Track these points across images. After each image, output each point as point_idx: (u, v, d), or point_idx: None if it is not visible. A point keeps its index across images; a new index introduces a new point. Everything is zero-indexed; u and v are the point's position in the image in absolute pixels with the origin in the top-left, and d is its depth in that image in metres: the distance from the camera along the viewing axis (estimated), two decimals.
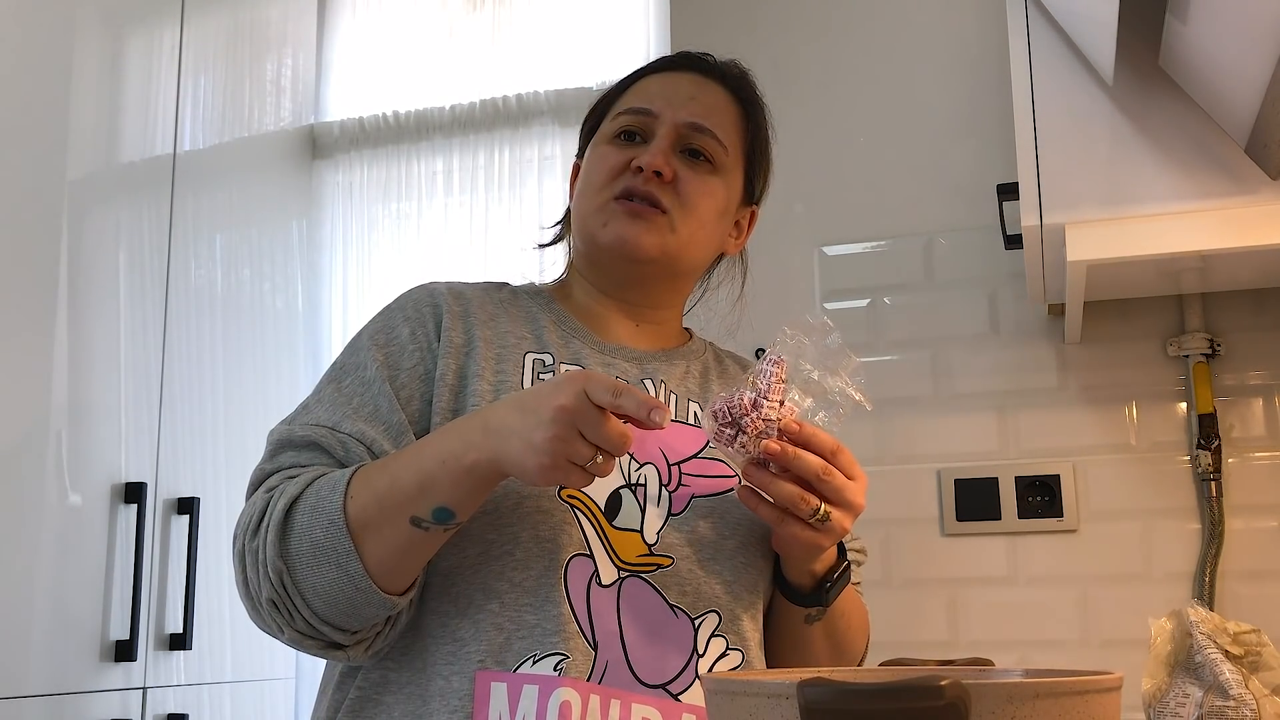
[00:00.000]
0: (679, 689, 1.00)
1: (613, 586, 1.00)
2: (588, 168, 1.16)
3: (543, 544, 1.00)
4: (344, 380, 1.07)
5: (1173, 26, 1.37)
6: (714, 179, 1.15)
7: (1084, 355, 1.91)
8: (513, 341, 1.10)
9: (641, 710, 0.98)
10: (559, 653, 0.97)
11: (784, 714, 0.57)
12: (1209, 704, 1.15)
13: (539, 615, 0.98)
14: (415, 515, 0.93)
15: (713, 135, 1.15)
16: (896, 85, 2.09)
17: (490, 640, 0.98)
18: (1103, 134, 1.55)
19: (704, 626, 1.03)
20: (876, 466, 1.97)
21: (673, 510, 1.05)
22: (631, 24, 2.36)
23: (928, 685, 0.55)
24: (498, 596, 0.99)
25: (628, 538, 1.02)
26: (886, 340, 2.01)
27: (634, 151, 1.12)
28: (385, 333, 1.09)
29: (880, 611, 1.94)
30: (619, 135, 1.14)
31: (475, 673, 0.97)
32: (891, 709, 0.55)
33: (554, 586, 0.99)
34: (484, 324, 1.10)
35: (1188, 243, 1.51)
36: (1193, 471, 1.82)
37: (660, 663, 1.00)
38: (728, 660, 1.04)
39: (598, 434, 0.89)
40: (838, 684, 0.56)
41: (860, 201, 2.07)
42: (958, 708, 0.54)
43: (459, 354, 1.07)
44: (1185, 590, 1.78)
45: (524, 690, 0.97)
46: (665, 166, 1.10)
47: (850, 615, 1.14)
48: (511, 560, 1.00)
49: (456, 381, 1.05)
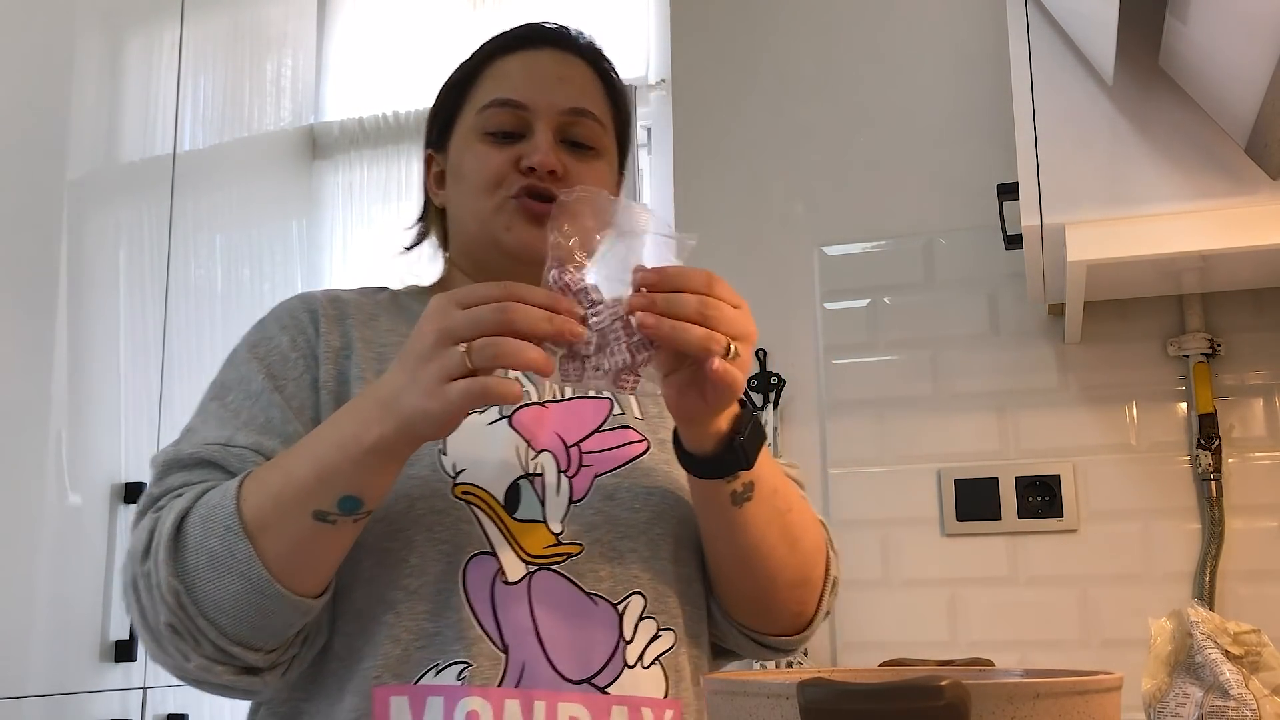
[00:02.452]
0: (606, 681, 0.95)
1: (521, 583, 0.95)
2: (466, 168, 1.09)
3: (439, 546, 0.95)
4: (228, 397, 1.01)
5: (1173, 26, 1.37)
6: (600, 164, 1.11)
7: (1084, 355, 1.91)
8: (394, 340, 1.05)
9: (568, 709, 0.93)
10: (461, 660, 0.92)
11: (784, 714, 0.57)
12: (1209, 704, 1.15)
13: (438, 622, 0.94)
14: (318, 509, 0.86)
15: (591, 116, 1.10)
16: (896, 85, 2.09)
17: (387, 654, 0.93)
18: (1103, 134, 1.55)
19: (629, 611, 0.98)
20: (876, 467, 1.97)
21: (575, 496, 1.00)
22: (631, 24, 2.36)
23: (928, 685, 0.55)
24: (393, 607, 0.94)
25: (532, 530, 0.97)
26: (886, 340, 2.01)
27: (514, 149, 1.06)
28: (264, 344, 1.03)
29: (880, 611, 1.95)
30: (493, 130, 1.08)
31: (373, 689, 0.92)
32: (891, 709, 0.55)
33: (452, 591, 0.94)
34: (362, 325, 1.06)
35: (1188, 243, 1.51)
36: (1193, 471, 1.82)
37: (584, 656, 0.95)
38: (661, 642, 0.99)
39: (471, 322, 0.81)
40: (838, 684, 0.56)
41: (860, 201, 2.07)
42: (958, 708, 0.54)
43: (337, 358, 1.02)
44: (1185, 590, 1.78)
45: (428, 703, 0.92)
46: (557, 164, 1.05)
47: (789, 496, 1.02)
48: (406, 567, 0.95)
49: (338, 387, 1.01)
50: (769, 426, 2.01)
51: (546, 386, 1.06)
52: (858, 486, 1.97)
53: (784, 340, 2.06)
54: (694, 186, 2.17)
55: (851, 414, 2.00)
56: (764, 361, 2.05)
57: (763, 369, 2.05)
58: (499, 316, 0.81)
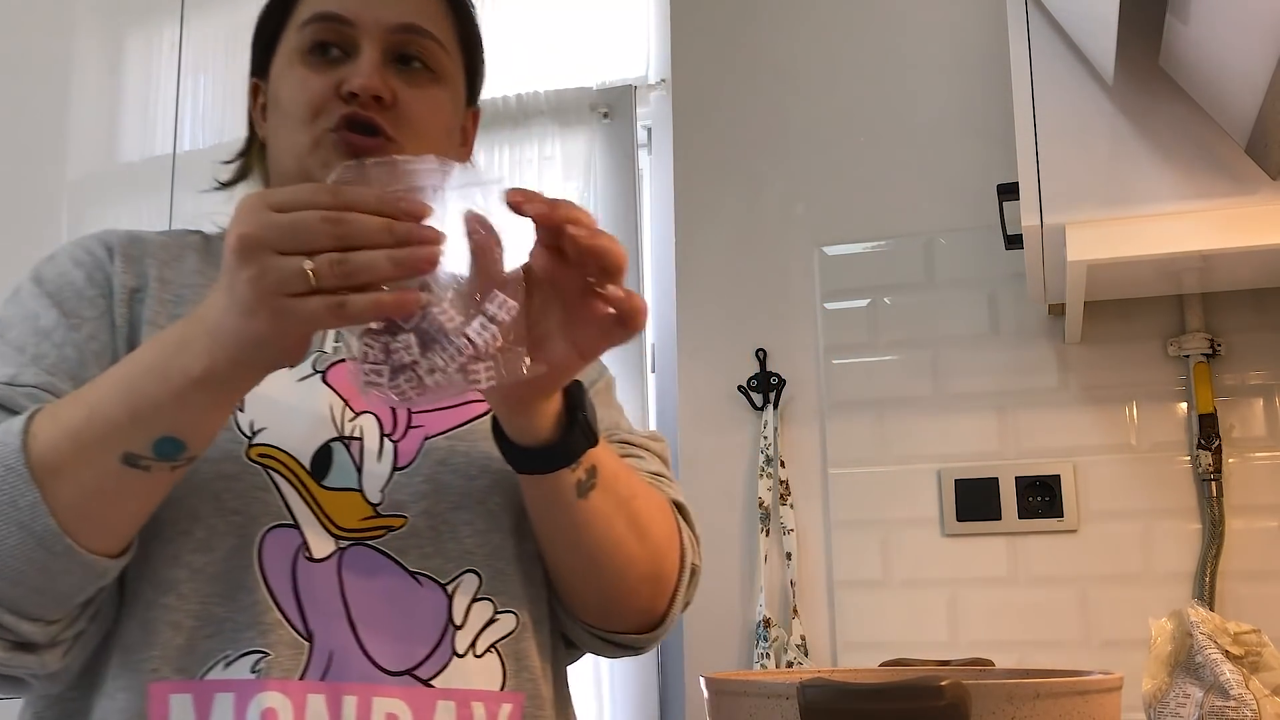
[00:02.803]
0: (431, 673, 0.83)
1: (330, 560, 0.83)
2: (282, 95, 0.95)
3: (229, 517, 0.82)
4: (9, 333, 0.87)
5: (1173, 26, 1.37)
6: (437, 89, 0.97)
7: (1084, 355, 1.91)
8: (197, 283, 0.92)
9: (384, 705, 0.81)
10: (257, 650, 0.80)
11: (784, 714, 0.57)
12: (1209, 704, 1.15)
13: (228, 606, 0.81)
14: (129, 451, 0.72)
15: (429, 35, 0.96)
16: (896, 85, 2.09)
17: (167, 643, 0.80)
18: (1103, 134, 1.55)
19: (460, 592, 0.86)
20: (876, 467, 1.97)
21: (399, 463, 0.87)
22: (631, 24, 2.36)
23: (928, 685, 0.55)
24: (174, 588, 0.81)
25: (345, 499, 0.85)
26: (886, 340, 2.01)
27: (337, 72, 0.92)
28: (56, 280, 0.90)
29: (880, 611, 1.95)
30: (311, 50, 0.94)
31: (148, 685, 0.79)
32: (891, 709, 0.55)
33: (245, 569, 0.81)
34: (163, 265, 0.93)
35: (1188, 243, 1.51)
36: (1193, 471, 1.82)
37: (405, 644, 0.83)
38: (499, 626, 0.87)
39: (293, 226, 0.66)
40: (838, 684, 0.56)
41: (860, 201, 2.07)
42: (958, 708, 0.54)
43: (131, 299, 0.90)
44: (1185, 590, 1.78)
45: (215, 701, 0.78)
46: (383, 89, 0.91)
47: (631, 480, 0.90)
48: (190, 541, 0.81)
49: (128, 330, 0.88)
50: (769, 427, 2.01)
51: None
52: (858, 486, 1.97)
53: (784, 340, 2.06)
54: (694, 186, 2.17)
55: (851, 414, 2.00)
56: (764, 361, 2.05)
57: (763, 369, 2.05)
58: (333, 229, 0.66)
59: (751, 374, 2.05)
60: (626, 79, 2.31)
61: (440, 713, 0.83)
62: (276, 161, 0.98)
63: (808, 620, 1.95)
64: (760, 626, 1.93)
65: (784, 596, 1.96)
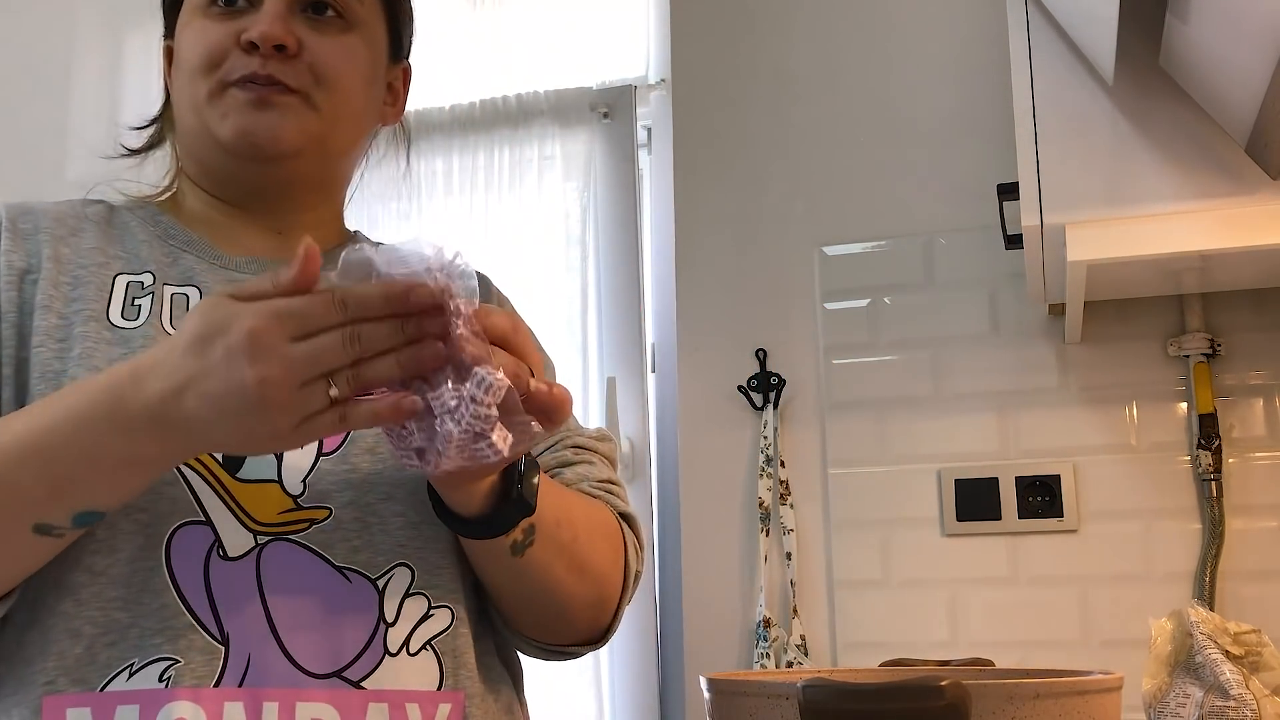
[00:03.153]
0: (361, 674, 0.78)
1: (247, 557, 0.78)
2: (183, 45, 0.90)
3: (133, 516, 0.76)
4: None
5: (1173, 26, 1.37)
6: (350, 37, 0.91)
7: (1084, 355, 1.91)
8: (98, 260, 0.86)
9: (309, 710, 0.76)
10: (165, 657, 0.74)
11: (784, 714, 0.57)
12: (1209, 704, 1.15)
13: (133, 611, 0.75)
14: (43, 522, 0.69)
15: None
16: (896, 85, 2.09)
17: (65, 652, 0.74)
18: (1103, 134, 1.55)
19: (391, 587, 0.81)
20: (876, 467, 1.97)
21: (324, 448, 0.82)
22: (631, 24, 2.36)
23: (928, 685, 0.55)
24: (73, 593, 0.75)
25: (262, 491, 0.79)
26: (886, 340, 2.01)
27: (240, 21, 0.87)
28: None
29: (880, 611, 1.95)
30: (213, 1, 0.89)
31: (43, 699, 0.73)
32: (891, 709, 0.55)
33: (153, 570, 0.76)
34: (58, 241, 0.86)
35: (1188, 243, 1.51)
36: (1193, 471, 1.82)
37: (332, 645, 0.78)
38: (434, 622, 0.83)
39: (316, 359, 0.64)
40: (838, 684, 0.56)
41: (860, 201, 2.07)
42: (958, 708, 0.54)
43: (21, 281, 0.83)
44: (1185, 590, 1.78)
45: (117, 714, 0.73)
46: (287, 36, 0.85)
47: (573, 522, 0.86)
48: (91, 542, 0.76)
49: (19, 318, 0.81)
50: (769, 427, 2.01)
51: None
52: (858, 486, 1.97)
53: (784, 340, 2.06)
54: (694, 186, 2.17)
55: (851, 414, 2.00)
56: (764, 361, 2.05)
57: (763, 369, 2.05)
58: (352, 349, 0.65)
59: (751, 374, 2.05)
60: (626, 79, 2.31)
61: (372, 715, 0.78)
62: (180, 119, 0.93)
63: (808, 620, 1.95)
64: (760, 626, 1.93)
65: (784, 596, 1.96)
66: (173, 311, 0.85)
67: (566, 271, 2.24)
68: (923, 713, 0.55)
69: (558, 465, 0.96)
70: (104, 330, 0.82)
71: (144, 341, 0.82)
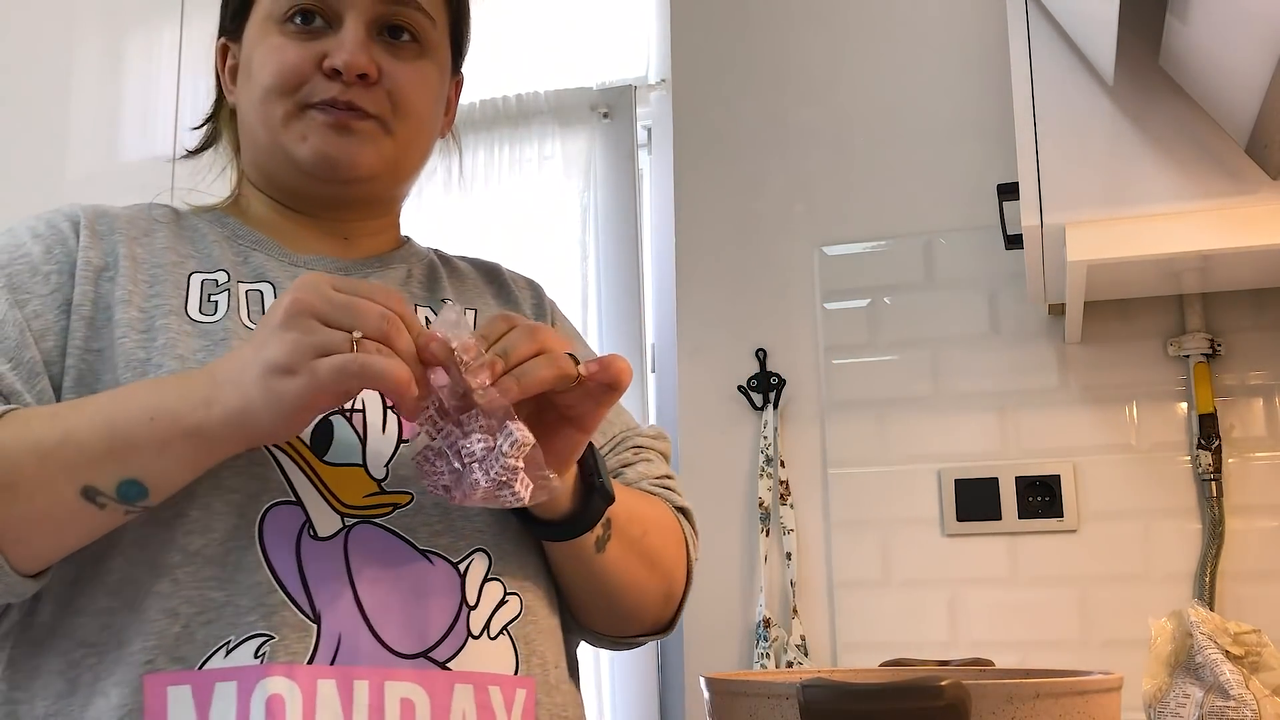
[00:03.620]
0: (447, 655, 0.79)
1: (336, 538, 0.79)
2: (257, 61, 0.91)
3: (227, 496, 0.78)
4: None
5: (1173, 26, 1.37)
6: (425, 62, 0.93)
7: (1084, 355, 1.91)
8: (172, 259, 0.88)
9: (399, 689, 0.77)
10: (260, 633, 0.75)
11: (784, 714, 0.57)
12: (1209, 704, 1.15)
13: (228, 590, 0.76)
14: (92, 485, 0.71)
15: (415, 6, 0.92)
16: (896, 85, 2.09)
17: (162, 632, 0.75)
18: (1103, 134, 1.55)
19: (472, 571, 0.83)
20: (876, 467, 1.97)
21: (404, 435, 0.84)
22: (631, 24, 2.36)
23: (928, 685, 0.55)
24: (168, 573, 0.76)
25: (348, 475, 0.81)
26: (886, 340, 2.01)
27: (319, 43, 0.89)
28: (9, 251, 0.86)
29: (880, 611, 1.95)
30: (290, 18, 0.90)
31: (143, 678, 0.74)
32: (891, 709, 0.55)
33: (246, 549, 0.77)
34: (132, 241, 0.89)
35: (1188, 243, 1.51)
36: (1193, 471, 1.82)
37: (418, 626, 0.79)
38: (507, 609, 0.84)
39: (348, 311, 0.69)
40: (838, 684, 0.56)
41: (860, 201, 2.07)
42: (958, 708, 0.54)
43: (97, 278, 0.85)
44: (1185, 590, 1.78)
45: (216, 691, 0.74)
46: (369, 65, 0.88)
47: (643, 516, 0.91)
48: (185, 523, 0.77)
49: (94, 312, 0.83)
50: (769, 427, 2.01)
51: None
52: (858, 486, 1.97)
53: (784, 340, 2.06)
54: (694, 186, 2.17)
55: (851, 414, 2.00)
56: (764, 361, 2.05)
57: (763, 369, 2.05)
58: (381, 325, 0.69)
59: (751, 374, 2.06)
60: (626, 79, 2.32)
61: (458, 697, 0.79)
62: (249, 131, 0.95)
63: (808, 620, 1.95)
64: (760, 626, 1.93)
65: (784, 596, 1.96)
66: (248, 307, 0.88)
67: (566, 271, 2.24)
68: (923, 713, 0.55)
69: (619, 466, 0.99)
70: (184, 324, 0.85)
71: (224, 334, 0.84)
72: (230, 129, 1.01)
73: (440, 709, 0.78)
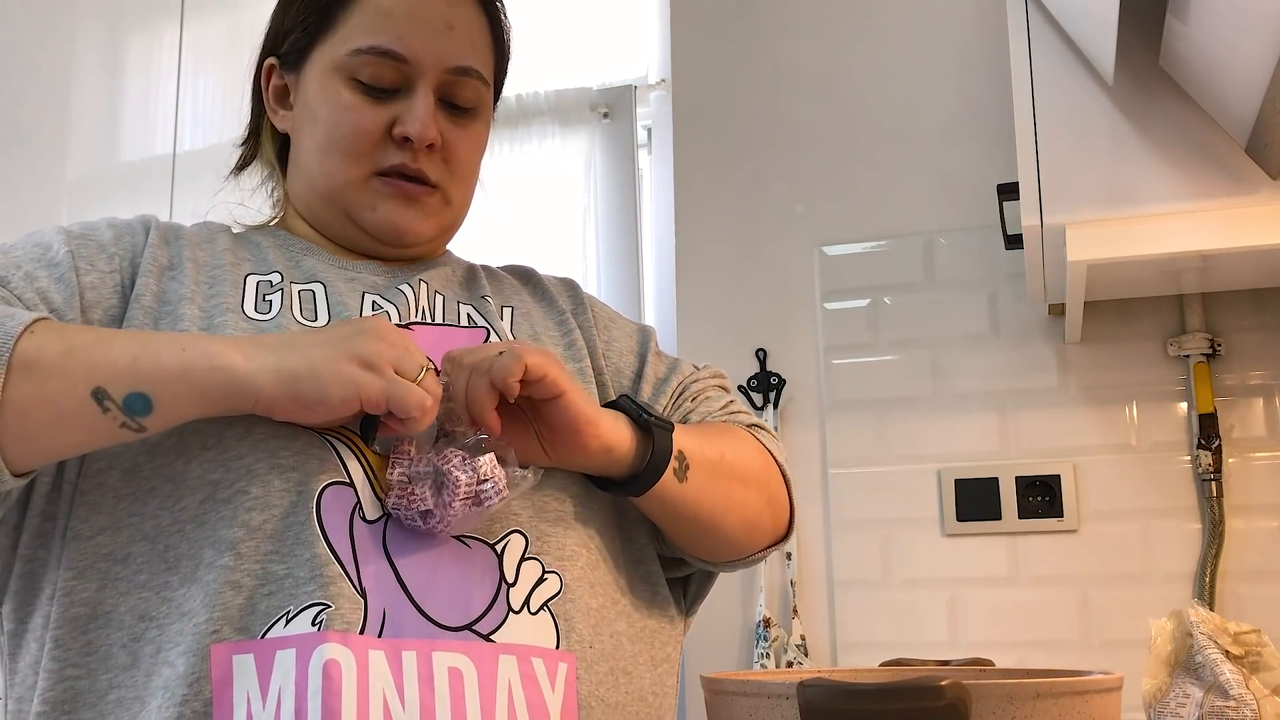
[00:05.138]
0: (490, 628, 0.82)
1: (378, 523, 0.83)
2: (325, 114, 0.96)
3: (287, 474, 0.82)
4: (14, 252, 0.89)
5: (1173, 26, 1.37)
6: (478, 125, 1.01)
7: (1084, 355, 1.91)
8: (229, 261, 0.94)
9: (446, 659, 0.79)
10: (318, 602, 0.78)
11: (784, 714, 0.57)
12: (1209, 704, 1.15)
13: (289, 563, 0.80)
14: (103, 387, 0.75)
15: (477, 75, 0.99)
16: (896, 85, 2.09)
17: (227, 604, 0.78)
18: (1103, 134, 1.55)
19: (509, 551, 0.86)
20: (876, 467, 1.97)
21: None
22: (631, 24, 2.36)
23: (928, 685, 0.55)
24: (231, 548, 0.80)
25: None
26: (886, 340, 2.01)
27: (389, 108, 0.95)
28: (83, 229, 0.93)
29: (880, 611, 1.95)
30: (363, 79, 0.95)
31: (210, 647, 0.77)
32: (891, 709, 0.55)
33: (304, 524, 0.80)
34: (195, 247, 0.95)
35: (1188, 243, 1.51)
36: (1193, 471, 1.82)
37: (461, 601, 0.82)
38: (546, 586, 0.86)
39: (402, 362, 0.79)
40: (838, 684, 0.56)
41: (860, 201, 2.07)
42: (958, 708, 0.54)
43: (161, 274, 0.91)
44: (1185, 590, 1.78)
45: (277, 659, 0.77)
46: (437, 136, 0.95)
47: (715, 440, 0.95)
48: (246, 499, 0.81)
49: (155, 304, 0.89)
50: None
51: (412, 305, 0.96)
52: (858, 486, 1.97)
53: (784, 340, 2.06)
54: (694, 186, 2.17)
55: (851, 414, 2.00)
56: (764, 361, 2.05)
57: (763, 369, 2.05)
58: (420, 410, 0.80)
59: (751, 374, 2.06)
60: (626, 79, 2.31)
61: (503, 667, 0.81)
62: (306, 171, 1.00)
63: (808, 620, 1.95)
64: (760, 626, 1.93)
65: (784, 596, 1.96)
66: (301, 306, 0.93)
67: (566, 271, 2.24)
68: (923, 713, 0.55)
69: (681, 417, 1.04)
70: (241, 321, 0.90)
71: (277, 331, 0.90)
72: (272, 144, 1.06)
73: (487, 678, 0.80)
